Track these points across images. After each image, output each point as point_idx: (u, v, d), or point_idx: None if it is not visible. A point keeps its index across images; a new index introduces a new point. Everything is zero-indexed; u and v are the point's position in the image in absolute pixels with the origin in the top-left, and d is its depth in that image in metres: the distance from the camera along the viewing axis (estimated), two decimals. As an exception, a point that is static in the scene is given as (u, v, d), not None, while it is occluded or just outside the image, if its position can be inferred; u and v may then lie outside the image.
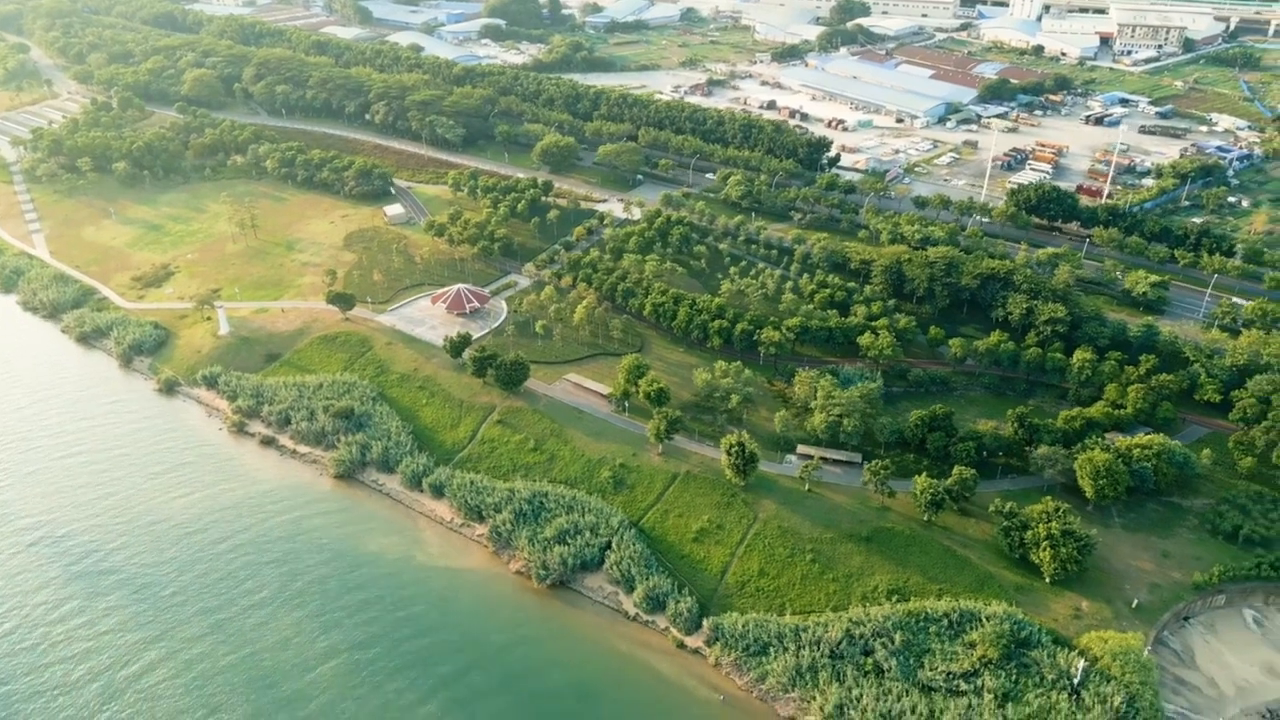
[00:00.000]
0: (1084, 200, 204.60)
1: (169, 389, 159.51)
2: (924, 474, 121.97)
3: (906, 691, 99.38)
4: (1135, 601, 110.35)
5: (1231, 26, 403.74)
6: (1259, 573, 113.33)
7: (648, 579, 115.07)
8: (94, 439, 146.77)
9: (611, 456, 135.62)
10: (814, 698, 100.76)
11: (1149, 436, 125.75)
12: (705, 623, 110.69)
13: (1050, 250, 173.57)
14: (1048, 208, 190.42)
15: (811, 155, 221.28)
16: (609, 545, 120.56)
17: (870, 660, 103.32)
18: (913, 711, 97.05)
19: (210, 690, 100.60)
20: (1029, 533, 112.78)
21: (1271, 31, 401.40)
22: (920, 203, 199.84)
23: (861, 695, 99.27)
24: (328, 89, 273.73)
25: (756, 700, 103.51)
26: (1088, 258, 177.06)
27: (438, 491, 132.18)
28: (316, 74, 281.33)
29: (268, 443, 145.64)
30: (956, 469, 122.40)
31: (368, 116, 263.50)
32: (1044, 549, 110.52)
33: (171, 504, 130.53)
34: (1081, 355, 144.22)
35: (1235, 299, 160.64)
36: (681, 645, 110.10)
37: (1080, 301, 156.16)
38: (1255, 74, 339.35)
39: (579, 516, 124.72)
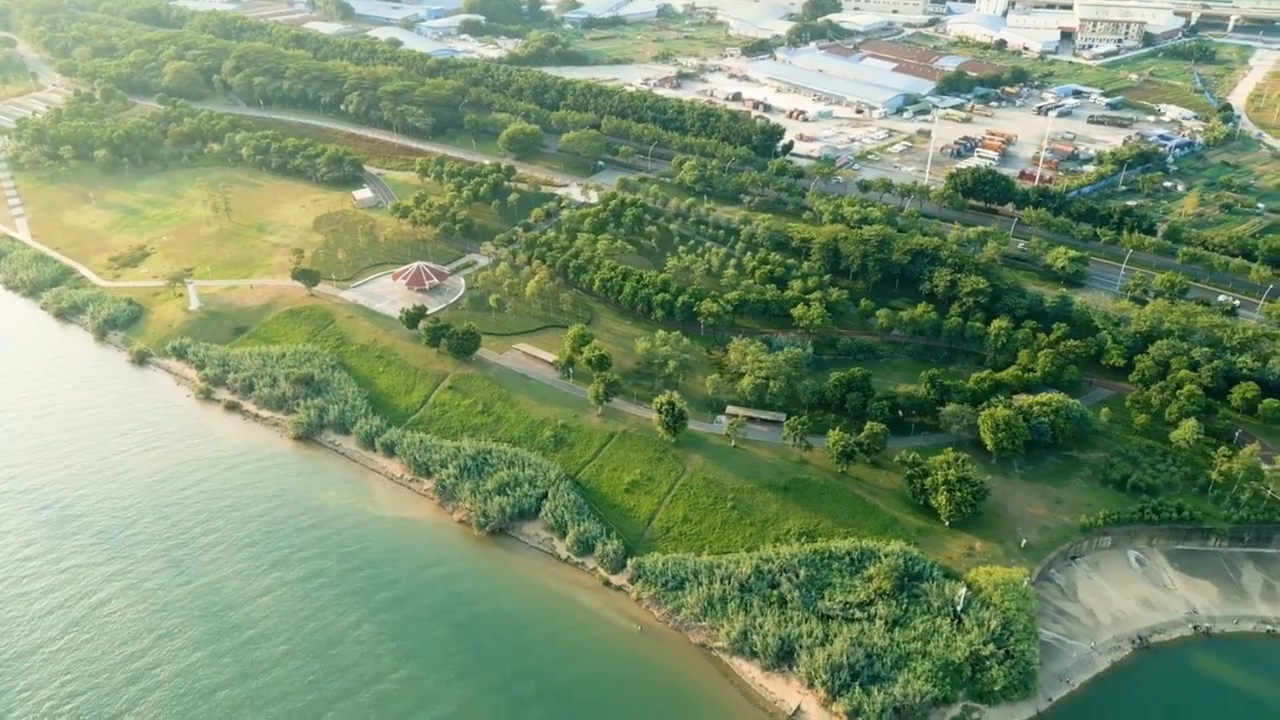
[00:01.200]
0: (1022, 184, 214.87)
1: (140, 360, 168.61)
2: (838, 429, 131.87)
3: (806, 619, 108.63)
4: (1024, 542, 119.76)
5: (1193, 21, 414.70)
6: (1142, 516, 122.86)
7: (579, 525, 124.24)
8: (66, 403, 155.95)
9: (554, 418, 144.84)
10: (722, 625, 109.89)
11: (1049, 395, 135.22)
12: (629, 563, 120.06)
13: (980, 229, 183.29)
14: (983, 190, 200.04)
15: (765, 142, 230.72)
16: (545, 496, 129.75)
17: (775, 593, 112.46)
18: (809, 635, 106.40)
19: (163, 616, 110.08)
20: (929, 480, 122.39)
21: (1231, 27, 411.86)
22: (864, 186, 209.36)
23: (764, 623, 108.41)
24: (304, 80, 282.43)
25: (672, 630, 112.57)
26: (1016, 236, 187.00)
27: (389, 450, 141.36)
28: (293, 66, 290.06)
29: (232, 408, 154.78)
30: (869, 424, 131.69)
31: (342, 107, 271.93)
32: (941, 494, 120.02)
33: (136, 459, 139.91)
34: (998, 324, 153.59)
35: (1151, 273, 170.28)
36: (607, 583, 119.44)
37: (1001, 275, 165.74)
38: (1210, 67, 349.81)
39: (519, 471, 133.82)
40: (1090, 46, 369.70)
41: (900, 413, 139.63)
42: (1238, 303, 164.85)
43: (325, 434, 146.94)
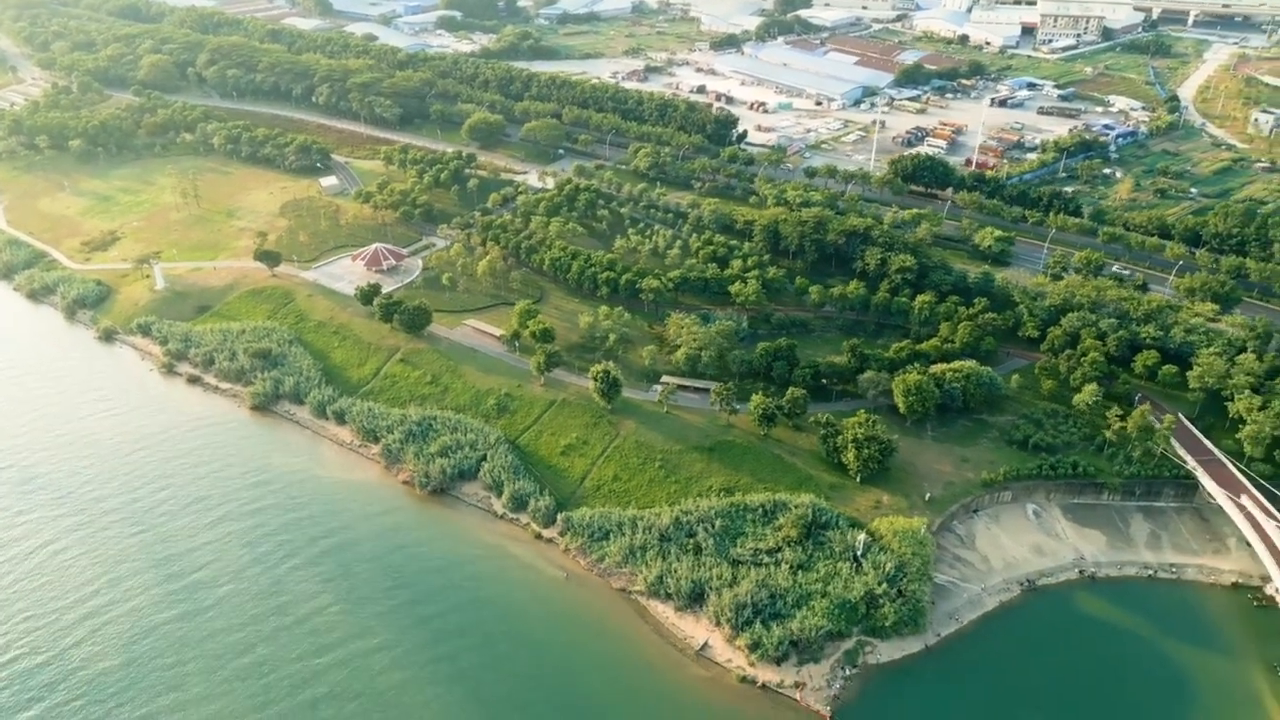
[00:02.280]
0: (966, 170, 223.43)
1: (107, 337, 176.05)
2: (760, 394, 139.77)
3: (718, 564, 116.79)
4: (928, 495, 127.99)
5: (1155, 16, 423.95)
6: (1041, 472, 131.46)
7: (515, 483, 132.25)
8: (32, 375, 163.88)
9: (498, 388, 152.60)
10: (641, 571, 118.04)
11: (961, 363, 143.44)
12: (559, 517, 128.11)
13: (915, 211, 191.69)
14: (923, 175, 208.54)
15: (719, 131, 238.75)
16: (484, 458, 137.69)
17: (692, 542, 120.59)
18: (719, 579, 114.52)
19: (117, 561, 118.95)
20: (840, 439, 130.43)
21: (1191, 22, 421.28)
22: (810, 173, 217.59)
23: (679, 568, 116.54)
24: (276, 73, 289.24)
25: (595, 576, 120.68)
26: (950, 219, 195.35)
27: (340, 418, 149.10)
28: (266, 59, 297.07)
29: (193, 380, 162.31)
30: (790, 390, 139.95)
31: (314, 98, 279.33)
32: (850, 451, 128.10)
33: (98, 425, 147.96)
34: (923, 299, 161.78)
35: (1071, 251, 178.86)
36: (538, 536, 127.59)
37: (929, 253, 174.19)
38: (1165, 61, 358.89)
39: (461, 435, 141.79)
40: (1050, 41, 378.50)
41: (824, 380, 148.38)
42: (1126, 272, 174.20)
43: (281, 404, 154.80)
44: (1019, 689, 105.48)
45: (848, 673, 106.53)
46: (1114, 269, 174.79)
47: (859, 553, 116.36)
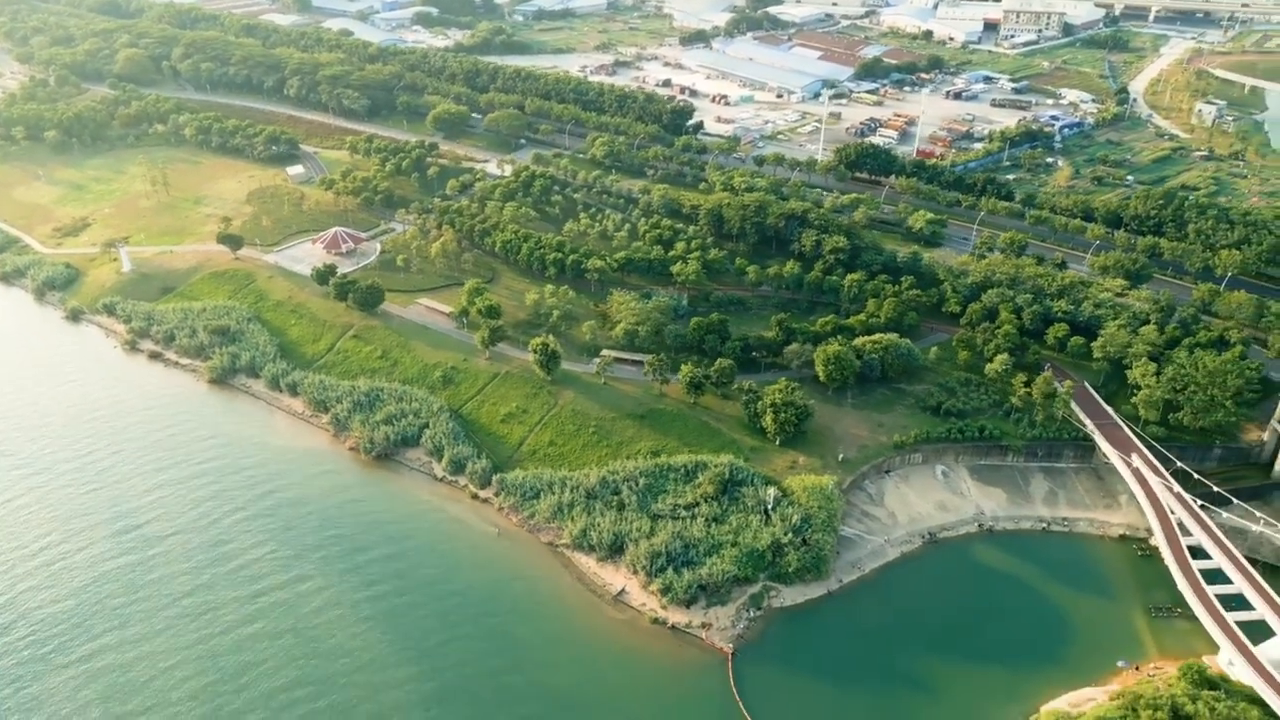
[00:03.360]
0: (917, 158, 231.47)
1: (74, 316, 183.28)
2: (689, 364, 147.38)
3: (639, 518, 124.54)
4: (841, 456, 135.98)
5: (1117, 12, 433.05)
6: (949, 436, 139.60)
7: (454, 448, 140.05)
8: None
9: (445, 361, 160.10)
10: (567, 526, 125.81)
11: (880, 335, 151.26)
12: (495, 479, 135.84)
13: (853, 195, 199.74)
14: (866, 163, 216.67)
15: (675, 121, 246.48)
16: (427, 425, 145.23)
17: (616, 499, 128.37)
18: (638, 531, 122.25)
19: (71, 512, 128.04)
20: (760, 404, 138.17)
21: (1152, 18, 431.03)
22: (759, 160, 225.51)
23: (602, 523, 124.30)
24: (249, 66, 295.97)
25: (525, 532, 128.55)
26: (889, 203, 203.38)
27: (293, 390, 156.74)
28: (239, 52, 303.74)
29: (155, 356, 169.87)
30: (718, 361, 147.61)
31: (285, 91, 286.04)
32: (768, 415, 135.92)
33: (59, 395, 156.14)
34: (852, 278, 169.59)
35: (997, 233, 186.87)
36: (475, 496, 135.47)
37: (861, 235, 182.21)
38: (1122, 55, 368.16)
39: (406, 405, 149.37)
40: (1012, 37, 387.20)
41: (754, 353, 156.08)
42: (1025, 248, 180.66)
43: (238, 378, 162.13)
44: (913, 628, 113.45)
45: (752, 614, 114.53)
46: (1021, 241, 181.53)
47: (769, 507, 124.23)
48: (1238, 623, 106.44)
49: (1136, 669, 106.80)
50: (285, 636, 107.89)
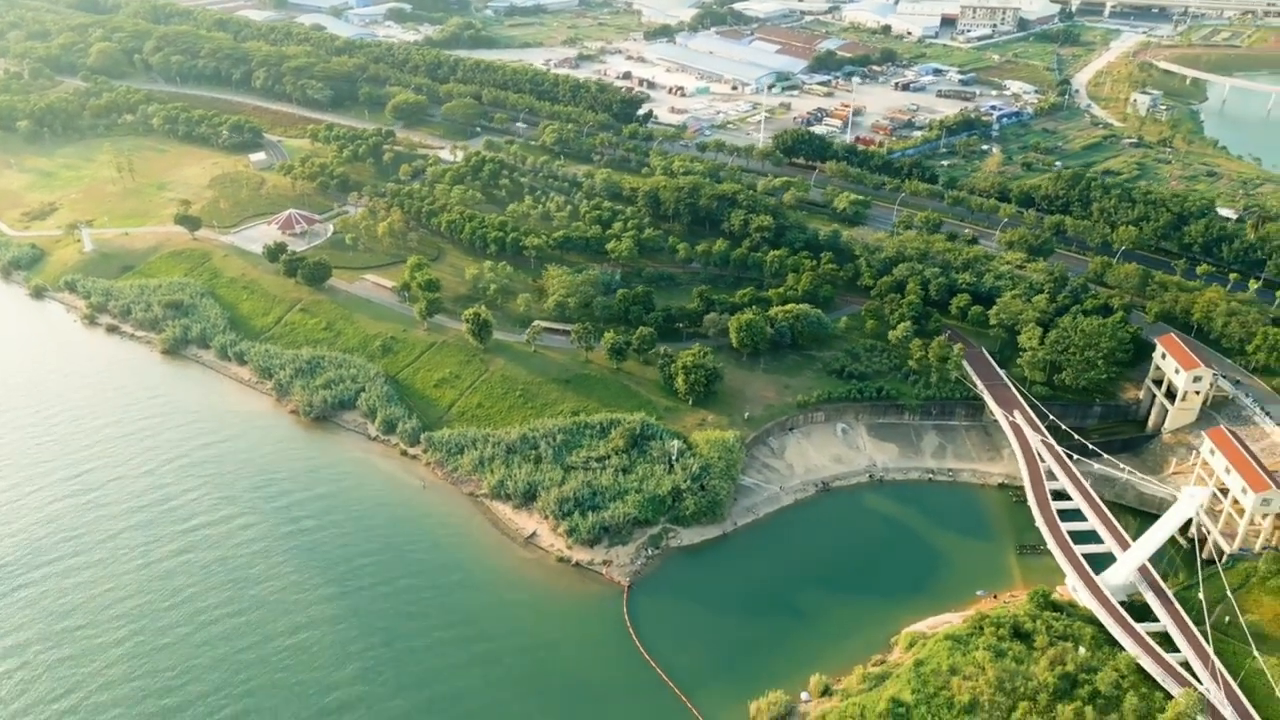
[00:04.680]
0: (860, 147, 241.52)
1: (38, 294, 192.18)
2: (612, 332, 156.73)
3: (553, 470, 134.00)
4: (747, 415, 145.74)
5: (1073, 7, 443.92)
6: (850, 396, 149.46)
7: (386, 409, 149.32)
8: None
9: (386, 332, 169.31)
10: (486, 477, 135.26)
11: (792, 305, 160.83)
12: (423, 437, 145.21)
13: (784, 179, 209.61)
14: (802, 149, 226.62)
15: (625, 110, 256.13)
16: (363, 389, 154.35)
17: (534, 453, 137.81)
18: (551, 480, 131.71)
19: (22, 463, 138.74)
20: (673, 366, 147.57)
21: (1107, 13, 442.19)
22: (701, 147, 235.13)
23: (518, 474, 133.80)
24: (218, 58, 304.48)
25: (449, 484, 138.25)
26: (819, 186, 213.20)
27: (240, 359, 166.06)
28: (209, 45, 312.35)
29: (112, 329, 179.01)
30: (639, 329, 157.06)
31: (252, 82, 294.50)
32: (680, 377, 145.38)
33: (18, 364, 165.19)
34: (775, 254, 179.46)
35: (914, 212, 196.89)
36: (404, 453, 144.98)
37: (787, 214, 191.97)
38: (1073, 49, 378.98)
39: (345, 371, 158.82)
40: (967, 31, 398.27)
41: (676, 323, 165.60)
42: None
43: (189, 348, 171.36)
44: (798, 565, 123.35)
45: (650, 553, 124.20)
46: (920, 215, 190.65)
47: (673, 458, 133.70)
48: (1089, 555, 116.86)
49: (995, 597, 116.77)
50: (213, 564, 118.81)
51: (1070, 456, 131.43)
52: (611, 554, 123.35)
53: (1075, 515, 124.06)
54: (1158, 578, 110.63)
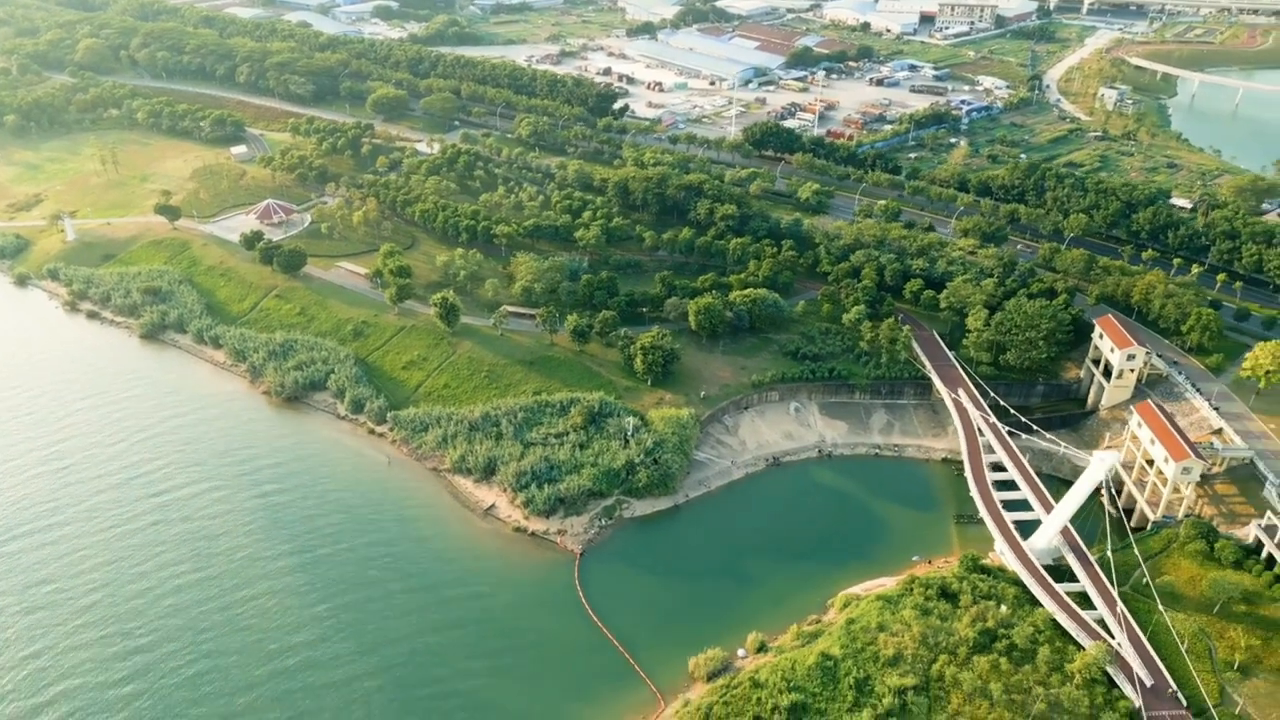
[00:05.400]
0: (832, 141, 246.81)
1: (21, 281, 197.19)
2: (575, 315, 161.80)
3: (513, 445, 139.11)
4: (704, 393, 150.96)
5: (1051, 5, 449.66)
6: (803, 376, 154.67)
7: (355, 389, 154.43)
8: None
9: (358, 317, 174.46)
10: (448, 453, 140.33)
11: (751, 290, 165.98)
12: (389, 416, 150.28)
13: (750, 169, 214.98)
14: (770, 141, 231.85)
15: (601, 104, 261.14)
16: (333, 370, 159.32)
17: (496, 430, 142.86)
18: (510, 455, 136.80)
19: (2, 437, 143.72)
20: (633, 348, 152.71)
21: (1085, 10, 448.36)
22: (673, 139, 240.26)
23: (479, 450, 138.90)
24: (202, 54, 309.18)
25: (413, 460, 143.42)
26: (784, 177, 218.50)
27: (215, 342, 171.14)
28: (194, 41, 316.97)
29: (92, 315, 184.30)
30: (602, 313, 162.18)
31: (236, 77, 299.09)
32: (639, 358, 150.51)
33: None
34: (738, 242, 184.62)
35: (874, 201, 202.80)
36: (372, 431, 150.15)
37: (750, 203, 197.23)
38: (1048, 45, 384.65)
39: (316, 354, 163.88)
40: (946, 28, 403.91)
41: (640, 307, 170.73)
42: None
43: (166, 333, 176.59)
44: (744, 534, 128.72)
45: (603, 523, 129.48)
46: (881, 203, 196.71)
47: (629, 434, 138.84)
48: (1019, 522, 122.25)
49: (929, 562, 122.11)
50: (182, 531, 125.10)
51: (1010, 432, 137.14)
52: (566, 524, 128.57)
53: (1012, 487, 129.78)
54: (1080, 542, 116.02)
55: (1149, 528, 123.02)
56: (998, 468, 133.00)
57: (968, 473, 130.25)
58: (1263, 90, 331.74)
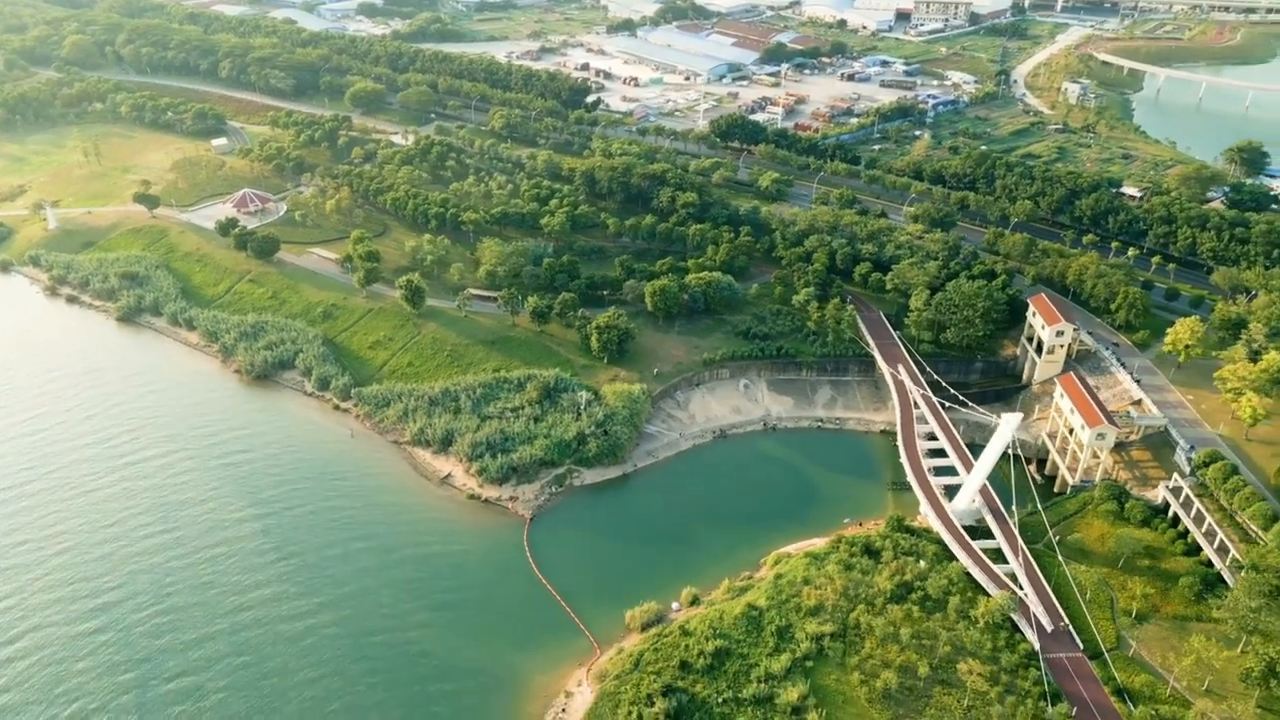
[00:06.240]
0: (799, 133, 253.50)
1: (4, 268, 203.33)
2: (535, 297, 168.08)
3: (470, 419, 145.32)
4: (656, 371, 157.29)
5: (1026, 3, 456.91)
6: (752, 354, 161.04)
7: (321, 367, 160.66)
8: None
9: (328, 300, 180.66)
10: (408, 426, 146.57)
11: (706, 273, 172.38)
12: (354, 392, 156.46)
13: (713, 159, 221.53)
14: (735, 132, 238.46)
15: (574, 98, 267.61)
16: (301, 350, 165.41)
17: (455, 405, 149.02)
18: (467, 428, 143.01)
19: None
20: (589, 327, 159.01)
21: (1059, 8, 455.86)
22: (642, 131, 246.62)
23: (437, 423, 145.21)
24: (186, 50, 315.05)
25: (375, 433, 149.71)
26: (747, 166, 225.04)
27: (190, 324, 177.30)
28: (178, 37, 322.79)
29: (72, 299, 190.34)
30: (561, 295, 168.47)
31: (218, 72, 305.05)
32: (595, 337, 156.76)
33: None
34: (697, 228, 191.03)
35: (830, 189, 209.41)
36: (337, 407, 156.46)
37: (711, 191, 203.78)
38: (1020, 42, 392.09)
39: (285, 334, 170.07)
40: (921, 25, 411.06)
41: (600, 290, 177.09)
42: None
43: (143, 316, 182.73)
44: (688, 500, 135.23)
45: (554, 490, 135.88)
46: (837, 193, 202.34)
47: (581, 408, 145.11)
48: (947, 487, 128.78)
49: (860, 524, 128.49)
50: (148, 491, 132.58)
51: (943, 405, 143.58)
52: (518, 491, 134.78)
53: (941, 453, 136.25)
54: (999, 503, 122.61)
55: (1068, 491, 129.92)
56: (934, 439, 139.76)
57: (899, 441, 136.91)
58: (1225, 85, 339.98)
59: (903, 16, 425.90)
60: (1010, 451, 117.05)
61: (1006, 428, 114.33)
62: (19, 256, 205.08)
